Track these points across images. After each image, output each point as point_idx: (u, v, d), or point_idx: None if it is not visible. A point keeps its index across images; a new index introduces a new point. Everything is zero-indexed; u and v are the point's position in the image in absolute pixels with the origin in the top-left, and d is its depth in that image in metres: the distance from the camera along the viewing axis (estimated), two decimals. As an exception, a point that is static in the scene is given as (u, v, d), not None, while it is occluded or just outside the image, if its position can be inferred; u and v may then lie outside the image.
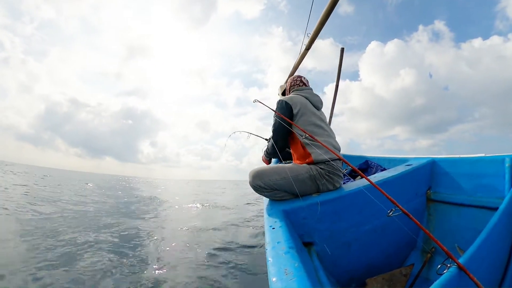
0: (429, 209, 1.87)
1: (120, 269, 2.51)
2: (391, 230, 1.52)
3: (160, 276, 2.43)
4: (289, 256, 0.81)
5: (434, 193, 1.87)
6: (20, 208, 5.22)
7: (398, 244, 1.63)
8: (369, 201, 1.20)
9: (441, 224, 1.78)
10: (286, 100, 1.66)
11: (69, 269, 2.42)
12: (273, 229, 1.06)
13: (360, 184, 1.47)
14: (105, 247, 3.16)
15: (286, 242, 0.92)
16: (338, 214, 1.36)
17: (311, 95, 1.77)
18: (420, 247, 1.72)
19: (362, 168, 2.70)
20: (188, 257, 2.98)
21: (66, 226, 4.08)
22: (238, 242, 3.55)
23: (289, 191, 1.43)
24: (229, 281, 2.35)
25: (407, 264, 1.63)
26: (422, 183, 1.87)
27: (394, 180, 1.60)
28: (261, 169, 1.48)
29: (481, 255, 0.97)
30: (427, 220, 1.85)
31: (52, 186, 11.72)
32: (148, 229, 4.34)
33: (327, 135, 1.60)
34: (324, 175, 1.44)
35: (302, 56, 3.34)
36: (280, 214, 1.23)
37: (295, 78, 1.99)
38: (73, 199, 7.75)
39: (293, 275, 0.70)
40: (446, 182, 1.84)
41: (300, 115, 1.61)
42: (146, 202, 8.63)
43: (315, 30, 2.57)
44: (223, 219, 5.54)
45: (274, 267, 0.76)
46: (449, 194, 1.79)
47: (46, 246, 3.02)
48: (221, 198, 12.09)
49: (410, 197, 1.76)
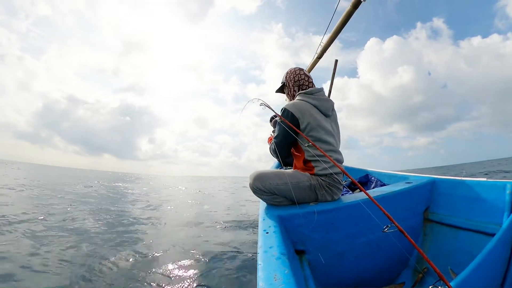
0: (425, 228, 1.86)
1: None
2: (385, 246, 1.51)
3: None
4: (280, 262, 0.81)
5: (432, 214, 1.86)
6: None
7: (390, 260, 1.62)
8: (366, 215, 1.19)
9: (436, 245, 1.77)
10: (292, 112, 1.48)
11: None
12: (267, 234, 1.06)
13: (359, 197, 1.47)
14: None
15: (279, 247, 0.92)
16: (333, 224, 1.36)
17: (321, 101, 1.58)
18: (412, 266, 1.71)
19: (362, 181, 2.70)
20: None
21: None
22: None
23: (288, 197, 1.43)
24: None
25: (398, 281, 1.62)
26: (421, 202, 1.86)
27: (392, 196, 1.60)
28: (263, 172, 1.47)
29: (474, 280, 0.97)
30: (422, 239, 1.83)
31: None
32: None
33: (332, 150, 1.52)
34: (325, 186, 1.44)
35: (314, 64, 3.35)
36: (275, 219, 1.23)
37: (297, 72, 1.72)
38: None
39: (282, 281, 0.69)
40: (445, 203, 1.83)
41: (307, 130, 1.47)
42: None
43: (328, 40, 2.59)
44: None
45: (264, 272, 0.76)
46: (447, 216, 1.77)
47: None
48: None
49: (407, 215, 1.75)
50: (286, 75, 1.77)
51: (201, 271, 2.53)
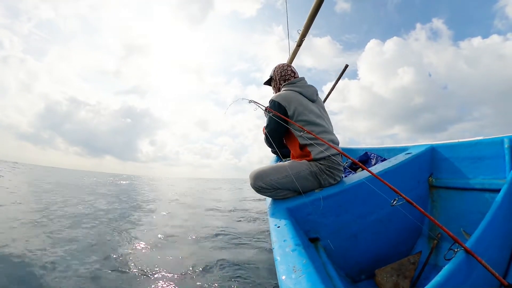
0: (432, 195, 1.87)
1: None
2: (396, 220, 1.52)
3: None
4: (297, 253, 0.81)
5: (436, 180, 1.88)
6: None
7: (404, 232, 1.64)
8: (372, 192, 1.20)
9: (445, 209, 1.79)
10: (278, 101, 1.55)
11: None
12: (278, 228, 1.06)
13: (362, 176, 1.48)
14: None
15: (292, 239, 0.92)
16: (342, 207, 1.36)
17: (304, 87, 1.65)
18: (426, 234, 1.73)
19: (362, 160, 2.71)
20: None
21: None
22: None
23: (291, 189, 1.43)
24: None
25: (415, 252, 1.64)
26: (423, 170, 1.87)
27: (395, 170, 1.61)
28: (261, 170, 1.46)
29: (487, 238, 0.98)
30: (431, 206, 1.85)
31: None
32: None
33: (325, 131, 1.54)
34: (325, 170, 1.44)
35: (294, 53, 3.33)
36: (284, 212, 1.23)
37: (284, 68, 1.80)
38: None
39: (302, 271, 0.70)
40: (447, 167, 1.84)
41: (296, 115, 1.52)
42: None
43: (305, 26, 2.58)
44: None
45: (283, 266, 0.76)
46: (451, 179, 1.79)
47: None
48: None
49: (413, 185, 1.76)
50: (274, 70, 1.86)
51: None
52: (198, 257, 2.94)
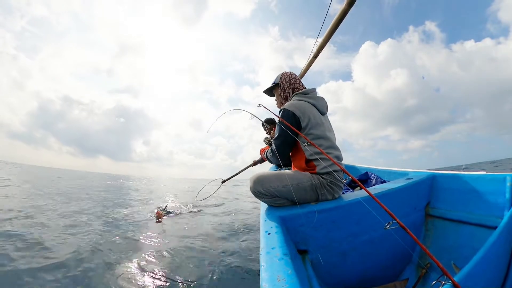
0: (427, 224, 1.86)
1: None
2: (387, 243, 1.51)
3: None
4: (283, 263, 0.81)
5: (433, 209, 1.86)
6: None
7: (393, 257, 1.62)
8: (367, 213, 1.19)
9: (438, 240, 1.77)
10: (293, 111, 1.47)
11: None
12: (269, 235, 1.05)
13: (359, 195, 1.47)
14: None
15: (281, 248, 0.91)
16: (335, 223, 1.35)
17: (317, 99, 1.61)
18: (415, 262, 1.70)
19: (362, 179, 2.70)
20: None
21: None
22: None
23: (289, 198, 1.43)
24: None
25: (402, 278, 1.62)
26: (422, 197, 1.86)
27: (393, 193, 1.60)
28: (263, 175, 1.46)
29: (477, 274, 0.96)
30: (424, 235, 1.83)
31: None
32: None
33: (332, 146, 1.53)
34: (326, 185, 1.44)
35: (310, 63, 3.35)
36: (277, 220, 1.23)
37: (292, 76, 1.75)
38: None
39: (285, 282, 0.69)
40: (446, 197, 1.83)
41: (308, 128, 1.48)
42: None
43: (324, 39, 2.60)
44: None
45: (267, 273, 0.75)
46: (448, 210, 1.78)
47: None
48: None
49: (409, 211, 1.74)
50: (281, 77, 1.78)
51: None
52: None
